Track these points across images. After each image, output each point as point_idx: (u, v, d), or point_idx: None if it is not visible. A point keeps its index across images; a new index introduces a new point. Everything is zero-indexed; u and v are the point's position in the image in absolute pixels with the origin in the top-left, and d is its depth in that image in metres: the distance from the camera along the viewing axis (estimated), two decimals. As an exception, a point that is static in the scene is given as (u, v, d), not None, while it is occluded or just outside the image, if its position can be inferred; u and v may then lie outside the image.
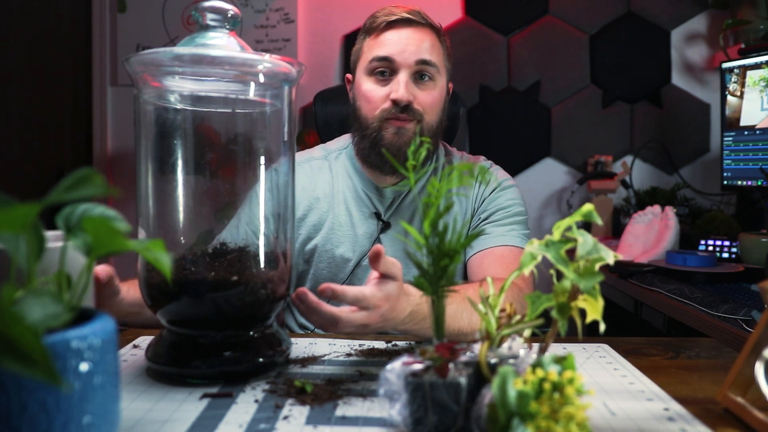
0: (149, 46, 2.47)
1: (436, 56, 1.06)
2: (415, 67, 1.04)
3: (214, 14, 0.68)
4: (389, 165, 1.07)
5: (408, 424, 0.50)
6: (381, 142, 1.06)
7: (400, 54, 1.04)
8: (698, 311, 1.21)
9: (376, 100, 1.06)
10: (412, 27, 1.05)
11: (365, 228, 1.12)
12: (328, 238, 1.13)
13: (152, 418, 0.57)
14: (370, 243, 1.12)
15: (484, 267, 1.02)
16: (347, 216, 1.13)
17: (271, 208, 0.75)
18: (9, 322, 0.33)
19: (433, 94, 1.07)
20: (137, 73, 0.68)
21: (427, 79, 1.06)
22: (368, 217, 1.13)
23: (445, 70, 1.10)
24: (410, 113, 1.04)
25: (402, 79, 1.03)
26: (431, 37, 1.07)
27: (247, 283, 0.68)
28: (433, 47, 1.06)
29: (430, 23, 1.08)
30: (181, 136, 0.72)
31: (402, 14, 1.05)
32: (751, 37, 2.01)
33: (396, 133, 1.05)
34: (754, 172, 1.70)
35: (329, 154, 1.20)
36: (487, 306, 0.54)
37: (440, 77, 1.08)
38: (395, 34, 1.05)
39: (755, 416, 0.54)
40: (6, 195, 0.40)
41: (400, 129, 1.05)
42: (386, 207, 1.13)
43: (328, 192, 1.15)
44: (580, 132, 2.38)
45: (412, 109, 1.04)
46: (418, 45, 1.04)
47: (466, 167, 0.52)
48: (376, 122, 1.06)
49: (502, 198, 1.12)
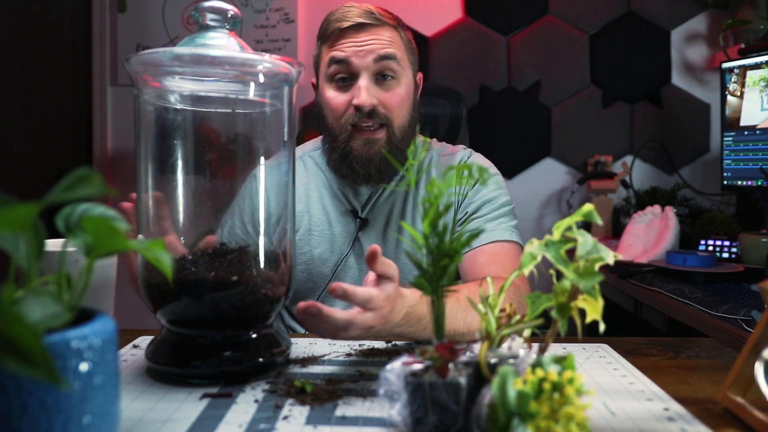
0: (149, 46, 2.48)
1: (397, 49, 1.03)
2: (374, 66, 1.01)
3: (214, 14, 0.68)
4: (362, 176, 1.05)
5: (408, 424, 0.50)
6: (350, 153, 1.03)
7: (357, 55, 1.00)
8: (698, 311, 1.21)
9: (339, 108, 1.03)
10: (366, 30, 1.01)
11: (342, 226, 1.11)
12: (306, 239, 1.11)
13: (152, 418, 0.57)
14: (347, 242, 1.10)
15: (479, 266, 1.01)
16: (324, 215, 1.12)
17: (269, 207, 0.75)
18: (9, 322, 0.33)
19: (399, 93, 1.03)
20: (137, 73, 0.68)
21: (390, 78, 1.02)
22: (344, 214, 1.12)
23: (408, 63, 1.06)
24: (376, 118, 1.01)
25: (362, 83, 1.00)
26: (389, 32, 1.03)
27: (247, 283, 0.68)
28: (392, 41, 1.03)
29: (383, 20, 1.03)
30: (181, 136, 0.72)
31: (354, 19, 1.01)
32: (751, 37, 2.01)
33: (365, 144, 1.02)
34: (754, 172, 1.70)
35: (304, 154, 1.19)
36: (487, 306, 0.54)
37: (404, 72, 1.04)
38: (350, 37, 1.01)
39: (755, 416, 0.54)
40: (6, 195, 0.40)
41: (368, 139, 1.02)
42: (363, 204, 1.11)
43: (302, 193, 1.14)
44: (580, 132, 2.38)
45: (377, 114, 1.01)
46: (375, 43, 1.01)
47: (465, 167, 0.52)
48: (344, 133, 1.03)
49: (486, 189, 1.09)
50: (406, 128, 1.05)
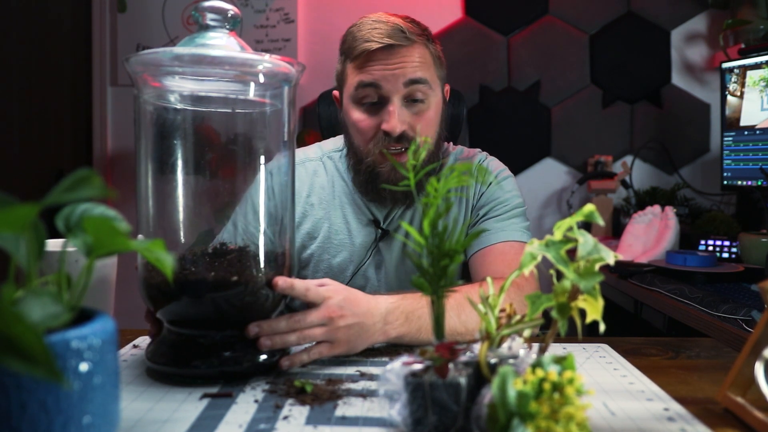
0: (149, 46, 2.47)
1: (427, 70, 0.99)
2: (404, 90, 0.97)
3: (214, 14, 0.68)
4: (389, 199, 1.04)
5: (408, 424, 0.50)
6: (378, 177, 1.01)
7: (387, 80, 0.96)
8: (698, 311, 1.21)
9: (367, 132, 1.00)
10: (395, 51, 0.96)
11: (363, 236, 1.09)
12: (325, 247, 1.09)
13: (152, 418, 0.57)
14: (367, 252, 1.09)
15: (486, 265, 1.01)
16: (344, 223, 1.09)
17: (271, 208, 0.75)
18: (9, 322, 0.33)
19: (429, 116, 1.00)
20: (137, 73, 0.68)
21: (420, 102, 0.99)
22: (366, 224, 1.09)
23: (438, 81, 1.03)
24: (405, 142, 0.98)
25: (392, 109, 0.96)
26: (419, 51, 0.98)
27: (247, 283, 0.68)
28: (423, 62, 0.98)
29: (413, 38, 0.97)
30: (181, 136, 0.72)
31: (383, 40, 0.95)
32: (751, 37, 2.01)
33: (393, 169, 1.00)
34: (754, 172, 1.70)
35: (324, 155, 1.15)
36: (487, 306, 0.54)
37: (434, 92, 1.01)
38: (379, 60, 0.96)
39: (755, 416, 0.54)
40: (6, 195, 0.40)
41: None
42: (385, 214, 1.09)
43: (324, 197, 1.11)
44: (580, 132, 2.38)
45: (406, 137, 0.98)
46: (405, 65, 0.96)
47: (465, 167, 0.52)
48: (370, 157, 1.01)
49: (499, 191, 1.08)
50: (433, 148, 1.03)
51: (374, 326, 0.74)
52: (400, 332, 0.77)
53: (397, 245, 1.09)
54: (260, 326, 0.69)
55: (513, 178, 1.13)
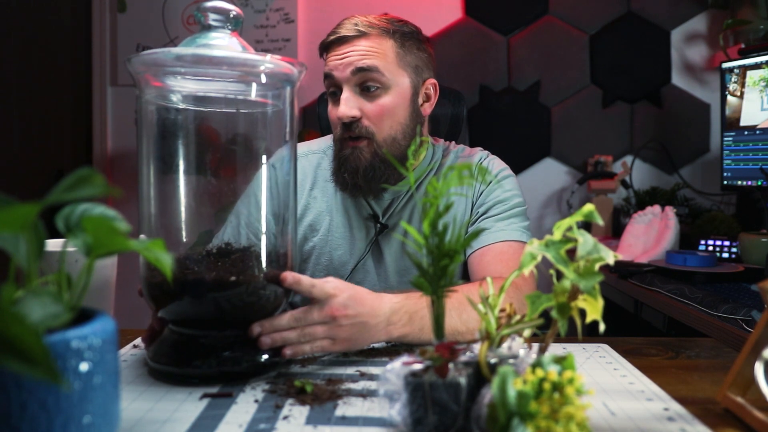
0: (149, 46, 2.47)
1: (379, 60, 1.00)
2: (353, 78, 1.00)
3: (216, 14, 0.68)
4: (350, 186, 1.05)
5: (408, 424, 0.50)
6: (343, 164, 1.04)
7: (337, 68, 1.00)
8: (698, 311, 1.21)
9: (333, 122, 1.05)
10: (348, 42, 1.01)
11: (362, 231, 1.11)
12: (326, 240, 1.11)
13: (152, 418, 0.57)
14: (366, 246, 1.10)
15: (485, 265, 1.01)
16: (345, 218, 1.11)
17: (272, 208, 0.75)
18: (9, 322, 0.33)
19: (383, 104, 1.01)
20: (139, 73, 0.68)
21: (375, 89, 1.00)
22: (366, 219, 1.11)
23: (403, 71, 1.03)
24: (357, 130, 1.00)
25: (343, 96, 1.00)
26: (374, 42, 1.00)
27: (248, 283, 0.68)
28: (376, 51, 1.00)
29: (366, 31, 1.00)
30: (183, 136, 0.72)
31: (338, 32, 1.01)
32: (751, 37, 2.01)
33: (351, 154, 1.02)
34: (754, 172, 1.70)
35: (328, 148, 1.16)
36: (487, 306, 0.54)
37: (393, 81, 1.01)
38: (332, 51, 1.02)
39: (755, 416, 0.54)
40: (6, 195, 0.40)
41: (354, 149, 1.02)
42: (384, 209, 1.10)
43: (327, 190, 1.13)
44: (580, 132, 2.38)
45: (358, 126, 1.00)
46: (353, 55, 1.00)
47: (465, 167, 0.52)
48: (337, 144, 1.05)
49: (500, 190, 1.09)
50: (395, 138, 1.03)
51: (377, 326, 0.74)
52: (402, 332, 0.77)
53: (396, 241, 1.10)
54: (262, 325, 0.69)
55: (514, 178, 1.13)
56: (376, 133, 1.02)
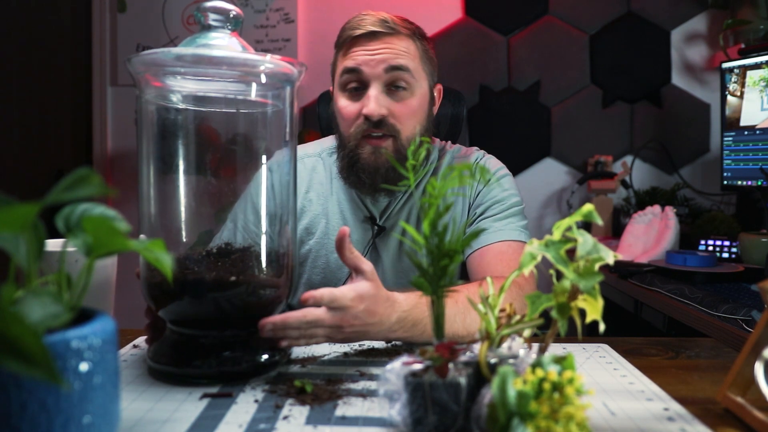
0: (149, 46, 2.47)
1: (410, 60, 1.00)
2: (385, 76, 0.99)
3: (216, 14, 0.68)
4: (368, 185, 1.04)
5: (408, 424, 0.50)
6: (358, 162, 1.02)
7: (368, 64, 0.98)
8: (698, 311, 1.21)
9: (350, 117, 1.02)
10: (379, 38, 0.99)
11: (359, 233, 1.10)
12: (322, 243, 1.10)
13: (152, 418, 0.57)
14: (364, 249, 1.09)
15: (484, 265, 1.01)
16: (341, 220, 1.10)
17: (272, 208, 0.75)
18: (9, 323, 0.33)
19: (410, 104, 1.01)
20: (139, 73, 0.68)
21: (402, 89, 1.00)
22: (362, 221, 1.10)
23: (424, 74, 1.04)
24: (385, 128, 0.99)
25: (372, 93, 0.98)
26: (404, 42, 1.01)
27: (248, 283, 0.68)
28: (406, 52, 1.00)
29: (397, 29, 1.01)
30: (183, 136, 0.72)
31: (367, 27, 0.99)
32: (751, 37, 2.01)
33: (372, 153, 1.01)
34: (754, 172, 1.70)
35: (324, 151, 1.16)
36: (487, 306, 0.54)
37: (418, 83, 1.02)
38: (361, 45, 1.00)
39: (755, 416, 0.54)
40: (6, 195, 0.40)
41: (376, 149, 1.01)
42: (381, 211, 1.10)
43: (322, 193, 1.12)
44: (580, 132, 2.38)
45: (386, 124, 0.99)
46: (387, 52, 0.99)
47: (465, 167, 0.52)
48: (352, 141, 1.02)
49: (497, 189, 1.08)
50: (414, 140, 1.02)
51: (378, 332, 0.74)
52: (401, 336, 0.77)
53: (394, 242, 1.09)
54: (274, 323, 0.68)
55: (510, 177, 1.13)
56: (401, 132, 1.01)
